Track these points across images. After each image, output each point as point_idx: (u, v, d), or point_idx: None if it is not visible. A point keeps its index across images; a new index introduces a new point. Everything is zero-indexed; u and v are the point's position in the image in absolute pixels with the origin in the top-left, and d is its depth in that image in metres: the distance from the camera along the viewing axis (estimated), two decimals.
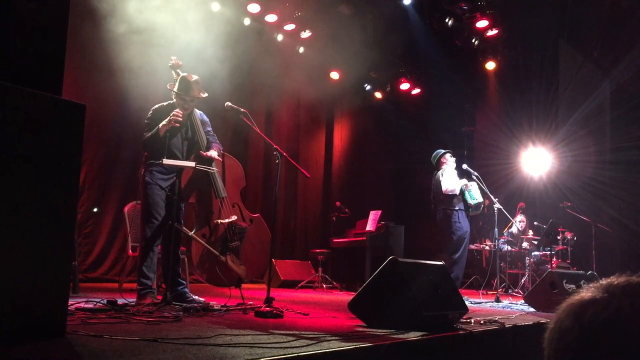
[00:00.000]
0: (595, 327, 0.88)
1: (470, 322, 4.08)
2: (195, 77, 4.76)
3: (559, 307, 0.98)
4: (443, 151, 7.52)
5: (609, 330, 0.87)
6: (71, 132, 2.61)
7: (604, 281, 0.96)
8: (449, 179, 7.17)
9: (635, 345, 0.85)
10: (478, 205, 7.21)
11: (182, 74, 4.78)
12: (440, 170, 7.34)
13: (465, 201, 7.17)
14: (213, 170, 4.75)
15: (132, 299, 4.49)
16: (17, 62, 2.58)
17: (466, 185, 7.16)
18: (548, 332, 0.97)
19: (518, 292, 8.49)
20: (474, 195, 7.16)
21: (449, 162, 7.37)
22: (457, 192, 7.11)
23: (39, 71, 2.65)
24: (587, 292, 0.95)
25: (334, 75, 11.30)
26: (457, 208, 7.13)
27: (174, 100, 4.80)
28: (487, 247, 9.54)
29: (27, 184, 2.42)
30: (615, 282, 0.94)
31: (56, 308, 2.51)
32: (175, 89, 4.72)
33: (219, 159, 4.84)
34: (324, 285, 8.69)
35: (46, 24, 2.71)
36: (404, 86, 11.90)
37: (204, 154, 4.70)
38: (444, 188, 7.15)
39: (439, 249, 9.81)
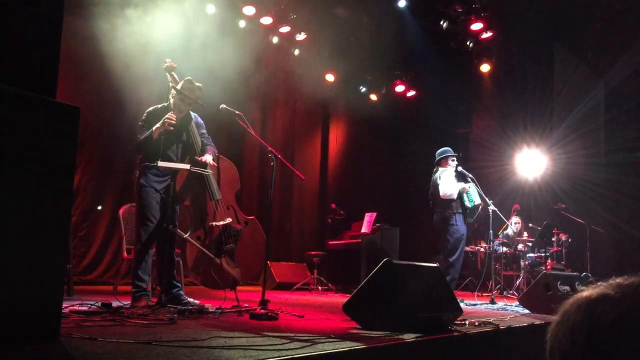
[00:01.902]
0: (606, 323, 0.88)
1: (465, 324, 4.08)
2: (199, 84, 4.79)
3: (565, 302, 0.98)
4: (449, 153, 7.36)
5: (620, 327, 0.87)
6: (65, 134, 2.61)
7: (612, 280, 0.96)
8: (447, 183, 7.11)
9: None
10: (476, 207, 7.18)
11: (186, 78, 4.79)
12: (439, 173, 7.28)
13: (463, 204, 7.13)
14: (208, 172, 4.74)
15: (127, 302, 4.49)
16: (11, 65, 2.57)
17: (464, 188, 7.12)
18: (554, 326, 0.97)
19: (513, 294, 8.50)
20: (473, 197, 7.13)
21: (449, 167, 7.28)
22: (455, 196, 7.08)
23: (33, 73, 2.64)
24: (596, 289, 0.95)
25: (330, 77, 11.31)
26: (455, 211, 7.10)
27: (170, 101, 4.80)
28: (482, 249, 9.56)
29: (21, 187, 2.41)
30: (627, 282, 0.94)
31: (50, 310, 2.50)
32: (179, 87, 4.72)
33: (214, 164, 4.83)
34: (319, 287, 8.69)
35: (40, 26, 2.70)
36: (399, 88, 11.94)
37: (199, 159, 4.69)
38: (441, 193, 7.09)
39: (434, 251, 9.84)
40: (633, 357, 0.85)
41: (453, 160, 7.33)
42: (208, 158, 4.73)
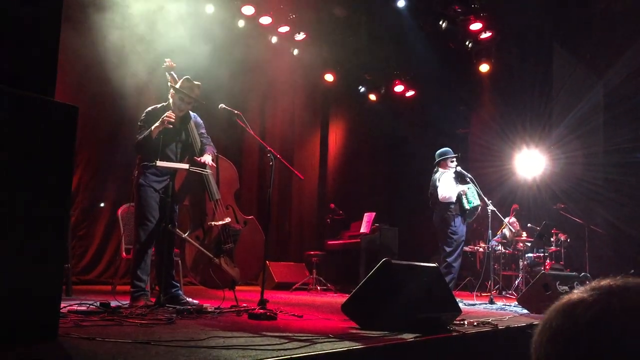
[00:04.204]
0: (584, 324, 0.88)
1: (464, 324, 4.08)
2: (197, 82, 4.79)
3: (549, 310, 0.99)
4: (450, 155, 7.31)
5: (598, 326, 0.87)
6: (64, 134, 2.60)
7: (592, 283, 0.97)
8: (446, 186, 7.05)
9: (623, 342, 0.85)
10: (475, 208, 7.15)
11: (184, 76, 4.80)
12: (438, 174, 7.24)
13: (462, 206, 7.08)
14: (207, 172, 4.74)
15: (126, 302, 4.48)
16: (9, 64, 2.57)
17: (463, 191, 7.08)
18: (536, 334, 0.97)
19: (512, 294, 8.50)
20: (471, 199, 7.08)
21: (450, 168, 7.23)
22: (454, 199, 7.03)
23: (32, 73, 2.64)
24: (575, 293, 0.96)
25: (329, 77, 11.31)
26: (454, 213, 7.07)
27: (170, 100, 4.80)
28: (480, 249, 9.56)
29: (19, 187, 2.41)
30: (603, 283, 0.94)
31: (48, 310, 2.50)
32: (177, 86, 4.72)
33: (213, 165, 4.83)
34: (318, 287, 8.69)
35: (39, 26, 2.70)
36: (398, 88, 11.94)
37: (198, 159, 4.69)
38: (440, 196, 7.04)
39: (434, 251, 9.82)
40: (609, 358, 0.86)
41: (452, 162, 7.28)
42: (207, 159, 4.72)
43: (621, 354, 0.85)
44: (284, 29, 9.89)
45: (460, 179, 7.35)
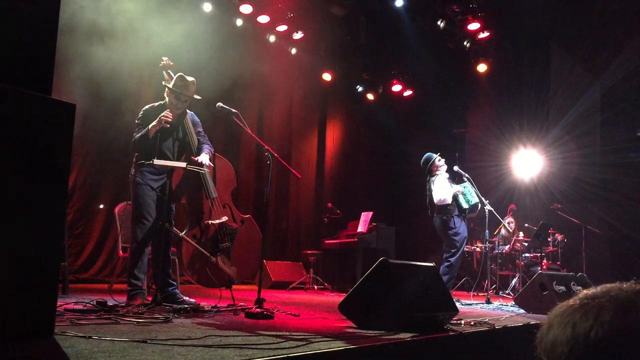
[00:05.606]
0: (612, 332, 0.87)
1: (461, 324, 4.09)
2: (191, 78, 4.77)
3: (557, 308, 0.96)
4: (433, 156, 7.21)
5: (625, 335, 0.86)
6: (60, 132, 2.59)
7: (609, 285, 0.95)
8: (441, 189, 6.97)
9: None
10: (474, 206, 7.12)
11: (178, 74, 4.78)
12: (433, 178, 7.19)
13: (460, 206, 7.04)
14: (204, 170, 4.73)
15: (122, 300, 4.48)
16: (6, 60, 2.56)
17: (458, 191, 7.04)
18: (547, 334, 0.94)
19: (509, 294, 8.51)
20: (469, 197, 7.05)
21: (441, 169, 7.16)
22: (450, 200, 6.99)
23: (28, 70, 2.63)
24: (593, 295, 0.94)
25: (326, 76, 11.30)
26: (453, 214, 7.03)
27: (166, 100, 4.79)
28: (478, 249, 9.57)
29: (15, 185, 2.40)
30: (625, 286, 0.93)
31: (44, 309, 2.49)
32: (171, 85, 4.71)
33: (211, 164, 4.81)
34: (315, 287, 8.69)
35: (36, 22, 2.69)
36: (396, 88, 11.93)
37: (195, 158, 4.68)
38: (435, 199, 6.97)
39: (431, 251, 9.84)
40: None
41: (440, 161, 7.20)
42: (204, 158, 4.71)
43: None
44: (282, 28, 9.88)
45: (457, 178, 7.34)
